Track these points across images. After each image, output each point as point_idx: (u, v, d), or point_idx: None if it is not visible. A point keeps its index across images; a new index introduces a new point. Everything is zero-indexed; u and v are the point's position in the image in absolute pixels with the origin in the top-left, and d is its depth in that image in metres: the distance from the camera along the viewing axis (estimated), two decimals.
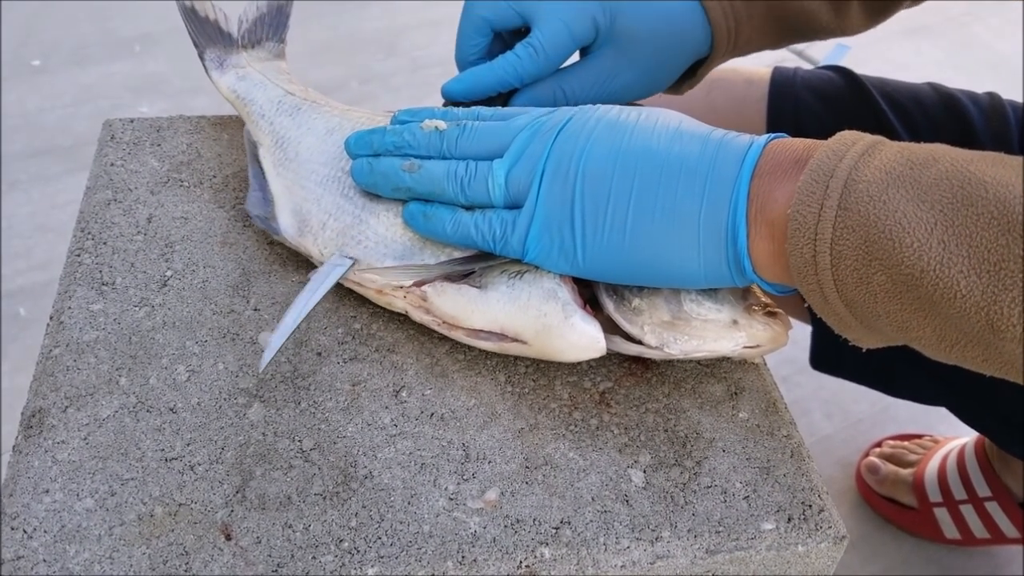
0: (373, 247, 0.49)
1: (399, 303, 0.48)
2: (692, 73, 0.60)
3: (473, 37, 0.55)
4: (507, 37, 0.57)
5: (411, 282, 0.47)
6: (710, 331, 0.45)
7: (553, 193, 0.44)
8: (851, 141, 0.40)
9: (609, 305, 0.46)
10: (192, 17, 0.61)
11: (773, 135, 0.43)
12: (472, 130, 0.47)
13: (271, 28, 0.63)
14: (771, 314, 0.46)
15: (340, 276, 0.49)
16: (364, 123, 0.54)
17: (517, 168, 0.45)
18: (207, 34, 0.61)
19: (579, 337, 0.44)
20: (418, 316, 0.48)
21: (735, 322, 0.45)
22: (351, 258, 0.49)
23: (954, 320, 0.36)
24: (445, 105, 0.54)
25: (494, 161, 0.45)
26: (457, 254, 0.47)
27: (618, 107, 0.46)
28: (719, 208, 0.41)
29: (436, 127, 0.47)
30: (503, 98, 0.55)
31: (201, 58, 0.61)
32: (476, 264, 0.47)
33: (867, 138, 0.40)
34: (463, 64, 0.56)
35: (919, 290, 0.36)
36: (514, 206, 0.45)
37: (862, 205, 0.37)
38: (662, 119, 0.45)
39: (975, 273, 0.35)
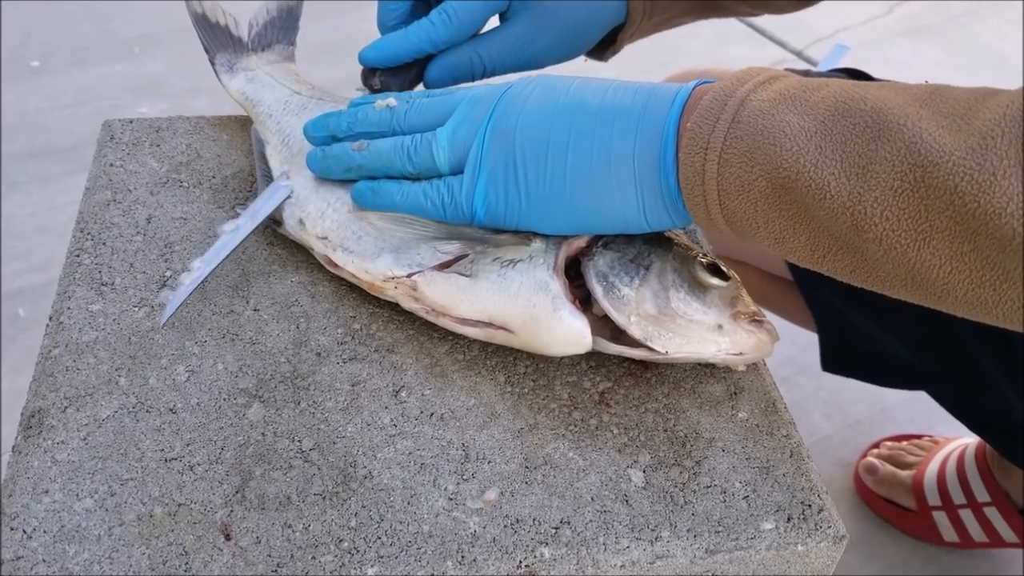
0: (369, 240, 0.49)
1: (390, 291, 0.48)
2: (612, 40, 0.62)
3: (392, 2, 0.56)
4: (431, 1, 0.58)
5: (404, 273, 0.47)
6: (695, 331, 0.45)
7: (494, 151, 0.46)
8: (757, 72, 0.42)
9: (598, 291, 0.46)
10: (203, 23, 0.61)
11: (702, 80, 0.44)
12: (419, 105, 0.49)
13: (281, 31, 0.63)
14: (757, 322, 0.46)
15: (276, 204, 0.52)
16: None
17: (459, 132, 0.47)
18: (217, 39, 0.61)
19: (565, 331, 0.45)
20: (407, 304, 0.48)
21: (720, 326, 0.45)
22: (288, 186, 0.52)
23: (825, 224, 0.38)
24: (364, 72, 0.55)
25: (438, 129, 0.47)
26: (445, 247, 0.48)
27: (557, 75, 0.48)
28: (651, 146, 0.43)
29: (388, 105, 0.50)
30: (420, 64, 0.55)
31: (212, 63, 0.61)
32: (469, 250, 0.48)
33: (773, 71, 0.42)
34: (383, 30, 0.57)
35: (794, 193, 0.38)
36: (459, 171, 0.47)
37: (753, 117, 0.40)
38: (597, 80, 0.47)
39: (844, 175, 0.37)
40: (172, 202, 0.56)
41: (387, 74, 0.55)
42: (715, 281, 0.46)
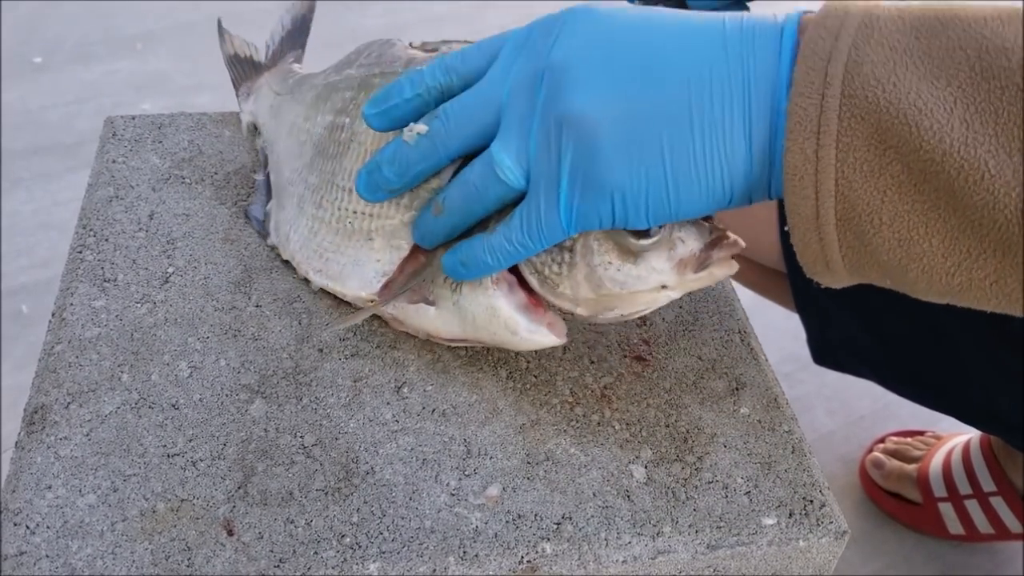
0: (333, 259, 0.49)
1: (379, 309, 0.48)
2: None
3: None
4: None
5: (374, 293, 0.47)
6: (640, 297, 0.43)
7: (567, 147, 0.38)
8: (842, 11, 0.35)
9: (535, 284, 0.44)
10: (234, 61, 0.61)
11: (802, 11, 0.37)
12: (454, 116, 0.42)
13: (293, 41, 0.63)
14: (704, 261, 0.41)
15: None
16: (331, 108, 0.52)
17: (517, 142, 0.40)
18: (244, 72, 0.61)
19: (534, 344, 0.44)
20: (400, 328, 0.48)
21: (664, 286, 0.42)
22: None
23: (977, 213, 0.32)
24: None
25: (492, 147, 0.40)
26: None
27: (592, 6, 0.40)
28: (760, 125, 0.36)
29: (419, 133, 0.43)
30: None
31: (237, 96, 0.62)
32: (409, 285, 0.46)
33: (858, 5, 0.35)
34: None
35: (939, 178, 0.32)
36: (535, 181, 0.40)
37: (869, 90, 0.33)
38: (658, 15, 0.39)
39: (1005, 151, 0.31)
40: (174, 198, 0.56)
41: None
42: (642, 243, 0.41)
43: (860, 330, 0.73)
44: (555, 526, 0.41)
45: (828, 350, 0.78)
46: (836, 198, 0.34)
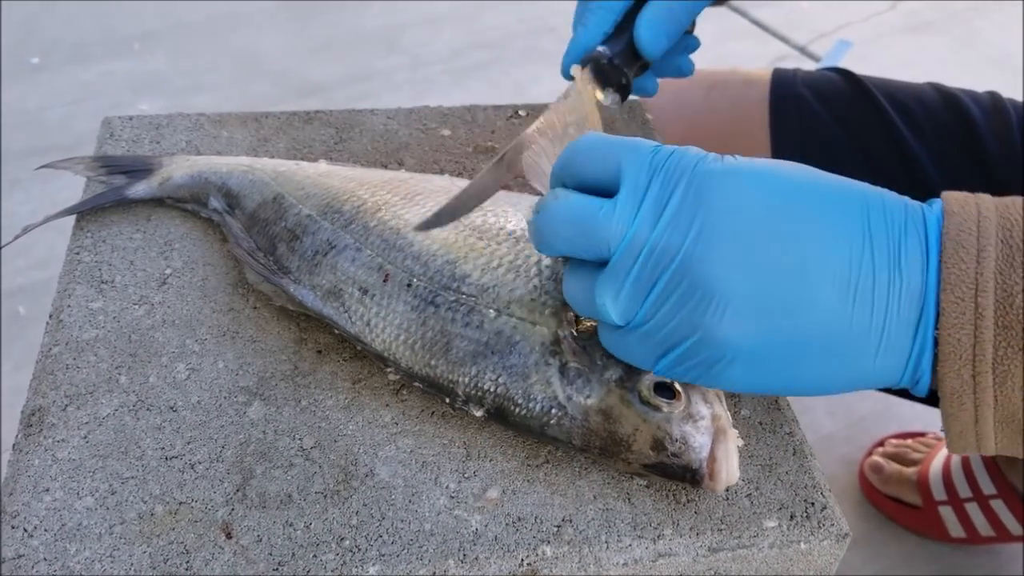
0: None
1: None
2: None
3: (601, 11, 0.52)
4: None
5: None
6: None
7: (694, 347, 0.36)
8: (974, 224, 0.35)
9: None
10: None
11: (938, 213, 0.36)
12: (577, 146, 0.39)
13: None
14: (712, 464, 0.40)
15: None
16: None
17: (628, 295, 0.37)
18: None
19: None
20: None
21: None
22: None
23: None
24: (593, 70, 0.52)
25: (598, 286, 0.37)
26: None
27: (731, 212, 0.36)
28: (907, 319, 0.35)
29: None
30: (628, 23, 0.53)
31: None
32: None
33: (988, 215, 0.35)
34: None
35: None
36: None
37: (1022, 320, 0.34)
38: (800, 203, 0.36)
39: None
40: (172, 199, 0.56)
41: (607, 53, 0.52)
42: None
43: None
44: (555, 529, 0.40)
45: None
46: (995, 408, 0.35)
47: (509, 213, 0.48)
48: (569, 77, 0.52)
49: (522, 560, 0.39)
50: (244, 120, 0.63)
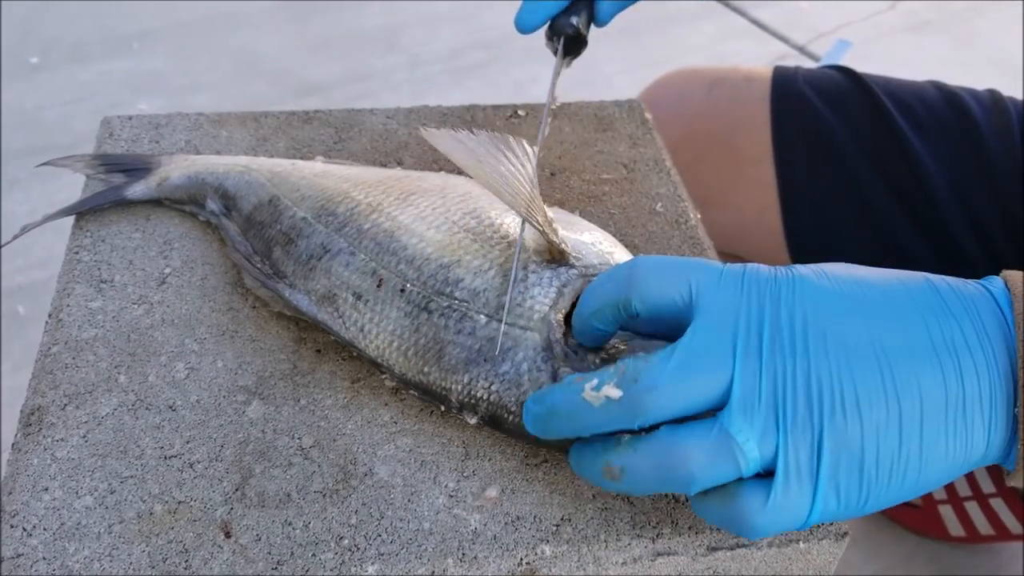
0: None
1: None
2: None
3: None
4: None
5: None
6: None
7: (829, 443, 0.34)
8: None
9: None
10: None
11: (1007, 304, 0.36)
12: (656, 383, 0.35)
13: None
14: None
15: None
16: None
17: (764, 426, 0.34)
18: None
19: None
20: None
21: None
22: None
23: None
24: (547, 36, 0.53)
25: (729, 424, 0.34)
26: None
27: (828, 301, 0.36)
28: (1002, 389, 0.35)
29: (608, 397, 0.36)
30: None
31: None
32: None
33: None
34: None
35: None
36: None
37: None
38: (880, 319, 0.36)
39: None
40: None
41: (559, 25, 0.52)
42: None
43: None
44: (554, 528, 0.40)
45: None
46: None
47: (504, 215, 0.47)
48: (526, 31, 0.53)
49: (521, 559, 0.39)
50: (243, 120, 0.63)
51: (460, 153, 0.46)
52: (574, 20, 0.53)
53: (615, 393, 0.35)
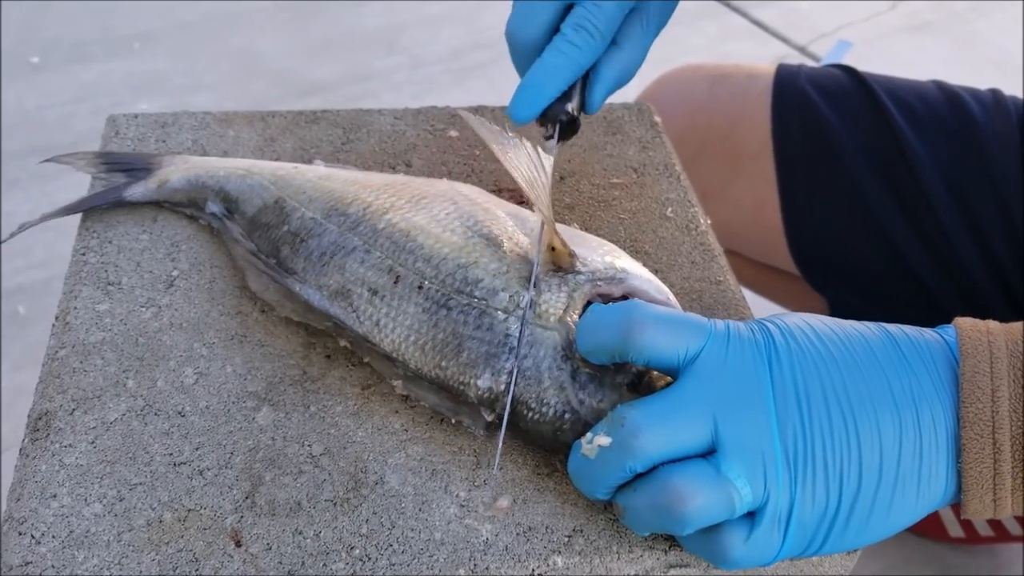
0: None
1: None
2: None
3: (534, 5, 0.50)
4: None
5: None
6: None
7: (802, 483, 0.37)
8: (987, 364, 0.38)
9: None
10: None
11: (955, 359, 0.39)
12: (639, 425, 0.37)
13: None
14: None
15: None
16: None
17: (751, 466, 0.37)
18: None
19: None
20: None
21: None
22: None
23: None
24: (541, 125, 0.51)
25: (718, 464, 0.37)
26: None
27: (804, 335, 0.39)
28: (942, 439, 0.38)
29: (600, 446, 0.38)
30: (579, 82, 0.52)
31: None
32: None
33: (998, 353, 0.38)
34: (516, 39, 0.52)
35: None
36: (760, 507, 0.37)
37: None
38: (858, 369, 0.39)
39: None
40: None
41: (554, 112, 0.51)
42: None
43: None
44: (566, 539, 0.40)
45: None
46: (1012, 508, 0.38)
47: (514, 225, 0.48)
48: (522, 123, 0.51)
49: (533, 570, 0.39)
50: (251, 119, 0.63)
51: (492, 141, 0.47)
52: (568, 107, 0.51)
53: (605, 441, 0.38)
